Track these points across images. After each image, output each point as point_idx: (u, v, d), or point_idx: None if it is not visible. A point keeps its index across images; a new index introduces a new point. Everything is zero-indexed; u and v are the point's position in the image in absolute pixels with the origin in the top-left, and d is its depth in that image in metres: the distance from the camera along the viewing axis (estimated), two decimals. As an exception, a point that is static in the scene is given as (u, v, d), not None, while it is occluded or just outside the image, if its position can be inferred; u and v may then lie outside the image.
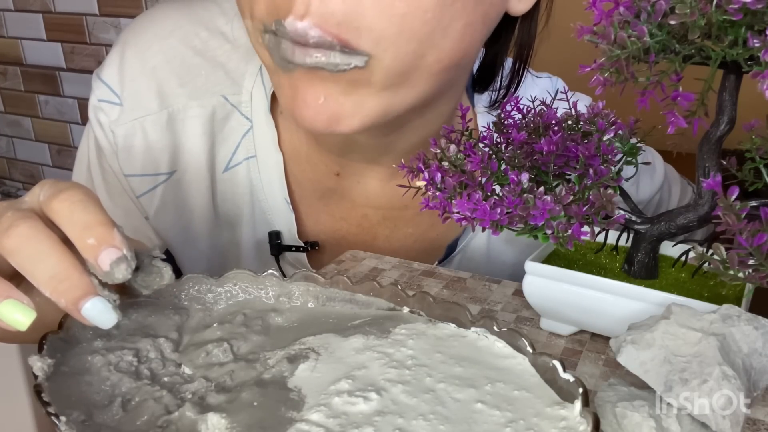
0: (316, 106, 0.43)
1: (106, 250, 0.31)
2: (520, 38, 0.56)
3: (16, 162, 2.24)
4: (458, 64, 0.46)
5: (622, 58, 0.31)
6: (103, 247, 0.31)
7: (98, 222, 0.32)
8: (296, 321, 0.39)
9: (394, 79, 0.43)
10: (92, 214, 0.32)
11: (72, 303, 0.31)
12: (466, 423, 0.29)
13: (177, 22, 0.58)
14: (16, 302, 0.31)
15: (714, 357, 0.29)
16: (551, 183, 0.39)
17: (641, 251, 0.41)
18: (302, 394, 0.31)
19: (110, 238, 0.32)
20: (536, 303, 0.43)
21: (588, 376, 0.39)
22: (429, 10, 0.40)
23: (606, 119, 0.41)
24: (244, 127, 0.59)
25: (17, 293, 0.31)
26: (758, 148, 0.35)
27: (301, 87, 0.43)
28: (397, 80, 0.43)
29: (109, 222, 0.32)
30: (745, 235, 0.30)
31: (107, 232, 0.32)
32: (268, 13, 0.42)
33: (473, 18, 0.44)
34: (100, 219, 0.32)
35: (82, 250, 0.32)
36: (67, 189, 0.33)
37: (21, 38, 2.01)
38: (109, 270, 0.31)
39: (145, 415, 0.31)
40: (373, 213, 0.61)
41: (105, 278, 0.32)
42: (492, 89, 0.60)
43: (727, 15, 0.29)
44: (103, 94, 0.57)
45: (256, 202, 0.60)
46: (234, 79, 0.58)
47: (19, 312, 0.31)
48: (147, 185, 0.59)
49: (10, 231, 0.31)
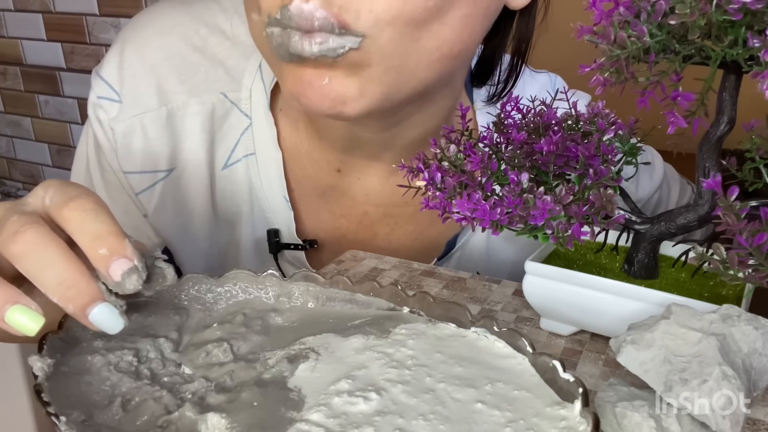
0: (321, 86, 0.43)
1: (117, 260, 0.32)
2: (518, 33, 0.57)
3: (16, 162, 2.24)
4: (458, 56, 0.46)
5: (622, 58, 0.31)
6: (114, 258, 0.32)
7: (110, 232, 0.32)
8: (296, 321, 0.39)
9: (392, 60, 0.43)
10: (104, 223, 0.32)
11: (80, 309, 0.31)
12: (466, 423, 0.29)
13: (176, 20, 0.58)
14: (25, 308, 0.31)
15: (714, 357, 0.29)
16: (551, 183, 0.39)
17: (641, 251, 0.41)
18: (302, 394, 0.31)
19: (122, 249, 0.32)
20: (536, 303, 0.43)
21: (588, 376, 0.39)
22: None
23: (606, 119, 0.41)
24: (243, 124, 0.59)
25: (25, 298, 0.31)
26: (758, 148, 0.35)
27: (307, 71, 0.44)
28: (395, 62, 0.43)
29: (120, 232, 0.32)
30: (745, 235, 0.30)
31: (119, 242, 0.32)
32: (273, 2, 0.42)
33: (474, 10, 0.44)
34: (111, 229, 0.32)
35: (93, 260, 0.32)
36: (77, 197, 0.33)
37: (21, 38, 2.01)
38: (120, 281, 0.32)
39: (145, 415, 0.31)
40: (373, 210, 0.62)
41: (116, 289, 0.32)
42: (490, 83, 0.61)
43: (727, 15, 0.29)
44: (102, 92, 0.57)
45: (255, 200, 0.60)
46: (233, 76, 0.58)
47: (27, 317, 0.31)
48: (146, 182, 0.59)
49: (17, 236, 0.31)
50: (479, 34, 0.48)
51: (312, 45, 0.41)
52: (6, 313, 0.30)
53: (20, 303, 0.31)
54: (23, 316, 0.31)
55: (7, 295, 0.31)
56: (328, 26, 0.41)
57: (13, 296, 0.31)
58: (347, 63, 0.42)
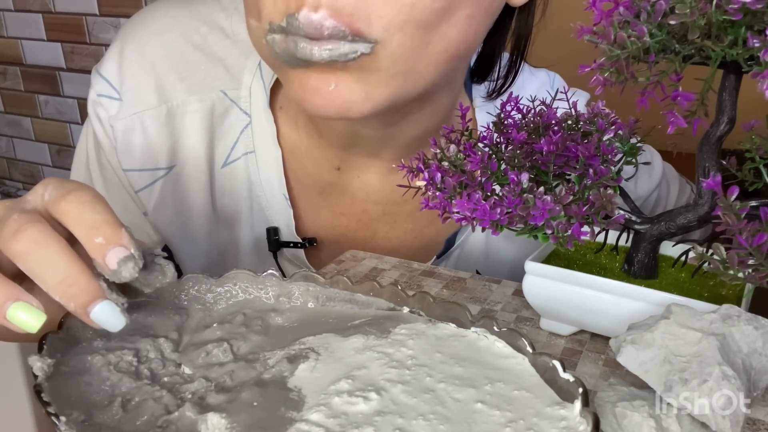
0: (327, 92, 0.43)
1: (113, 249, 0.32)
2: (517, 29, 0.57)
3: (16, 162, 2.24)
4: (462, 56, 0.47)
5: (622, 58, 0.31)
6: (110, 246, 0.32)
7: (106, 222, 0.32)
8: (296, 321, 0.39)
9: (401, 65, 0.43)
10: (100, 214, 0.32)
11: (81, 307, 0.31)
12: (466, 423, 0.29)
13: (176, 18, 0.58)
14: (27, 305, 0.31)
15: (714, 357, 0.29)
16: (551, 183, 0.39)
17: (641, 251, 0.41)
18: (302, 394, 0.31)
19: (118, 238, 0.32)
20: (536, 303, 0.43)
21: (588, 376, 0.39)
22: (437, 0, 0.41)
23: (606, 119, 0.41)
24: (242, 122, 0.59)
25: (27, 296, 0.31)
26: (758, 148, 0.35)
27: (313, 76, 0.43)
28: (404, 66, 0.43)
29: (116, 222, 0.32)
30: (745, 235, 0.30)
31: (115, 231, 0.32)
32: (276, 9, 0.42)
33: (478, 9, 0.44)
34: (107, 219, 0.32)
35: (90, 249, 0.32)
36: (75, 190, 0.33)
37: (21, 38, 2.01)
38: (116, 268, 0.32)
39: (145, 415, 0.31)
40: (372, 208, 0.62)
41: (112, 277, 0.32)
42: (490, 79, 0.61)
43: (727, 15, 0.29)
44: (102, 89, 0.57)
45: (254, 198, 0.61)
46: (233, 74, 0.58)
47: (29, 315, 0.31)
48: (146, 180, 0.59)
49: (18, 235, 0.31)
50: (483, 33, 0.48)
51: (321, 51, 0.41)
52: (8, 311, 0.30)
53: (22, 300, 0.31)
54: (25, 313, 0.31)
55: (8, 293, 0.31)
56: (338, 34, 0.41)
57: (14, 293, 0.31)
58: (357, 67, 0.42)
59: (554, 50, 0.68)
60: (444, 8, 0.42)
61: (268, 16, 0.42)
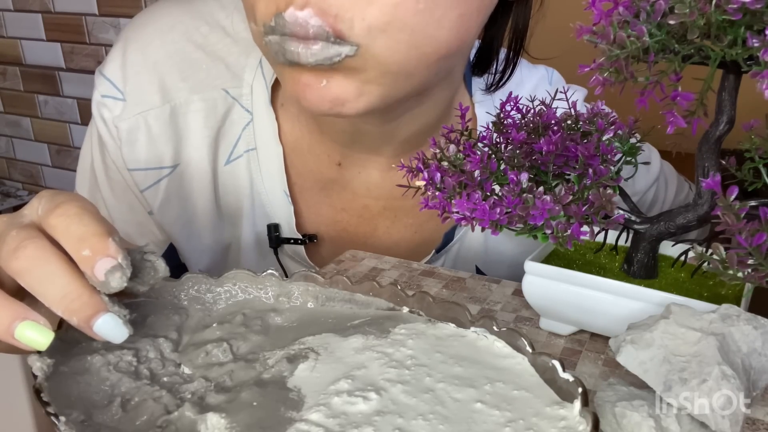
0: (319, 88, 0.44)
1: (100, 260, 0.32)
2: (515, 22, 0.57)
3: (15, 162, 2.24)
4: (456, 54, 0.47)
5: (621, 58, 0.31)
6: (97, 258, 0.32)
7: (92, 233, 0.32)
8: (296, 321, 0.39)
9: (389, 67, 0.43)
10: (87, 225, 0.32)
11: (84, 321, 0.31)
12: (465, 423, 0.29)
13: (177, 18, 0.59)
14: (34, 323, 0.31)
15: (713, 357, 0.29)
16: (551, 183, 0.39)
17: (641, 251, 0.41)
18: (302, 394, 0.31)
19: (104, 248, 0.32)
20: (536, 303, 0.43)
21: (587, 375, 0.39)
22: (421, 1, 0.41)
23: (605, 119, 0.41)
24: (244, 119, 0.59)
25: (33, 314, 0.31)
26: (758, 148, 0.35)
27: (304, 75, 0.44)
28: (392, 68, 0.44)
29: (103, 232, 0.32)
30: (745, 235, 0.30)
31: (101, 242, 0.32)
32: (267, 9, 0.42)
33: (467, 8, 0.44)
34: (93, 230, 0.32)
35: (79, 262, 0.32)
36: (63, 203, 0.33)
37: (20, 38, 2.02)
38: (104, 280, 0.31)
39: (145, 415, 0.31)
40: (373, 204, 0.62)
41: (102, 288, 0.32)
42: (489, 72, 0.61)
43: (727, 15, 0.29)
44: (106, 90, 0.58)
45: (255, 195, 0.61)
46: (234, 72, 0.58)
47: (37, 333, 0.31)
48: (151, 179, 0.59)
49: (18, 252, 0.31)
50: (476, 30, 0.48)
51: (308, 55, 0.42)
52: (16, 330, 0.31)
53: (29, 319, 0.31)
54: (33, 332, 0.31)
55: (15, 312, 0.31)
56: (323, 34, 0.41)
57: (21, 313, 0.31)
58: (344, 68, 0.43)
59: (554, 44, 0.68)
60: (429, 9, 0.41)
61: (261, 18, 0.43)
